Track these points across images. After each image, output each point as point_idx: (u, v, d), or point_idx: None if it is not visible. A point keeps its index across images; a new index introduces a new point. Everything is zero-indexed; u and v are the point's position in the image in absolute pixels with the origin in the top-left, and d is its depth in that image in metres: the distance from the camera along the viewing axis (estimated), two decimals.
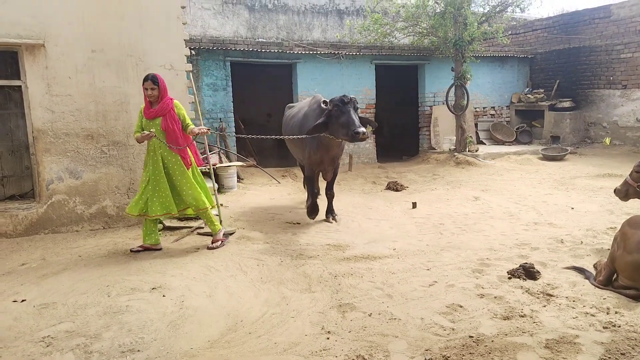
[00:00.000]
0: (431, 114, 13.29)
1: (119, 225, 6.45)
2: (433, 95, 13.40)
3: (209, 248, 5.44)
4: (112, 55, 6.28)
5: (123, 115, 6.39)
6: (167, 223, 6.28)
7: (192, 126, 5.38)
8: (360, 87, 12.41)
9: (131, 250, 5.36)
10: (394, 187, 9.00)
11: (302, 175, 10.80)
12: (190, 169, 5.40)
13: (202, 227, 6.23)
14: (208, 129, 5.40)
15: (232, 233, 6.00)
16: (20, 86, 5.99)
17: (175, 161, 5.29)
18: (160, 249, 5.44)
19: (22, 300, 4.04)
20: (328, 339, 3.32)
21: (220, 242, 5.52)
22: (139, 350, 3.22)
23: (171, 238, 5.91)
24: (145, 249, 5.38)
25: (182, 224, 6.31)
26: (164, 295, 4.11)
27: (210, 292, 4.21)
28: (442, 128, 13.12)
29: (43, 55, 5.94)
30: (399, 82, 14.62)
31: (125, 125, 6.39)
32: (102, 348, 3.25)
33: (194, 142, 5.55)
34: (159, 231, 6.15)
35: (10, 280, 4.56)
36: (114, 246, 5.62)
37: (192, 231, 6.14)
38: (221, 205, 6.54)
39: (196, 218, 6.40)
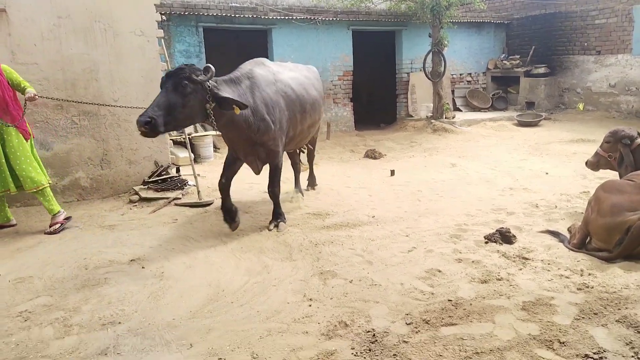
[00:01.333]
0: (408, 81, 13.24)
1: (93, 197, 6.32)
2: (410, 62, 13.32)
3: (46, 233, 4.97)
4: (80, 21, 6.02)
5: (93, 83, 6.17)
6: (144, 194, 6.17)
7: (31, 89, 4.90)
8: (337, 54, 12.24)
9: None
10: (372, 155, 9.00)
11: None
12: (28, 140, 4.97)
13: (180, 198, 6.15)
14: (35, 94, 4.90)
15: (210, 203, 5.95)
16: None
17: (9, 132, 4.80)
18: (14, 225, 5.16)
19: None
20: (310, 306, 3.35)
21: (59, 224, 5.04)
22: (119, 323, 3.19)
23: (148, 209, 5.82)
24: None
25: (159, 194, 6.21)
26: (143, 267, 4.06)
27: (190, 262, 4.18)
28: (420, 95, 13.11)
29: (5, 22, 5.65)
30: (376, 48, 14.47)
31: (95, 94, 6.18)
32: (82, 321, 3.21)
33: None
34: (135, 202, 6.06)
35: None
36: (89, 218, 5.51)
37: (169, 202, 6.06)
38: (198, 175, 6.44)
39: (173, 189, 6.31)
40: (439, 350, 2.72)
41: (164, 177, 6.55)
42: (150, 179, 6.49)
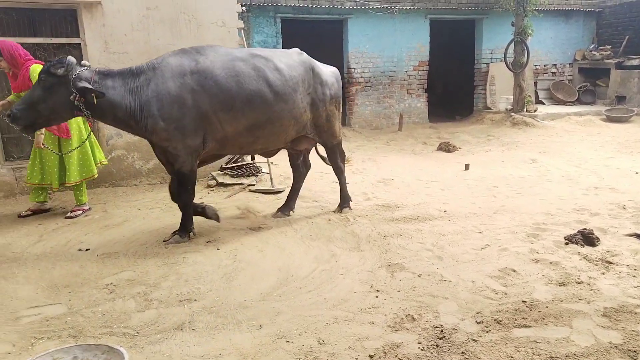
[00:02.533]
0: (487, 72, 12.74)
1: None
2: (490, 52, 12.80)
3: (66, 217, 5.21)
4: (166, 13, 6.33)
5: None
6: (221, 179, 6.43)
7: None
8: (413, 43, 12.01)
9: (19, 216, 5.25)
10: (446, 148, 8.79)
11: (353, 135, 10.76)
12: (69, 138, 5.11)
13: (254, 185, 6.34)
14: None
15: (282, 191, 6.08)
16: (80, 44, 6.16)
17: (48, 134, 5.01)
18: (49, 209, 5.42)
19: (87, 249, 4.29)
20: (377, 297, 3.35)
21: (81, 211, 5.31)
22: (195, 300, 3.36)
23: (224, 194, 6.06)
24: (34, 211, 5.32)
25: (234, 180, 6.44)
26: (218, 249, 4.25)
27: (261, 247, 4.31)
28: (499, 87, 12.58)
29: (100, 13, 6.06)
30: (454, 38, 14.02)
31: None
32: (161, 296, 3.42)
33: None
34: (213, 187, 6.33)
35: (75, 230, 4.84)
36: (170, 201, 5.81)
37: (244, 188, 6.27)
38: (271, 163, 6.61)
39: (247, 175, 6.52)
40: (510, 351, 2.63)
41: (240, 164, 6.78)
42: (227, 166, 6.74)
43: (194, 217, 4.57)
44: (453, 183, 6.46)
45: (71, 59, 3.94)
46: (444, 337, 2.80)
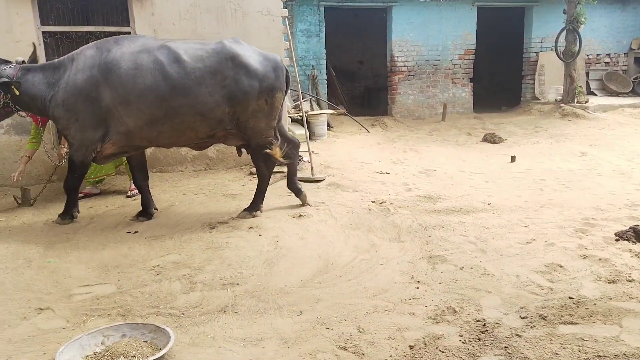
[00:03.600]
0: (537, 61, 12.30)
1: (218, 167, 6.80)
2: (540, 41, 12.34)
3: (128, 196, 5.60)
4: (212, 2, 6.42)
5: None
6: None
7: None
8: (459, 32, 11.73)
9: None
10: (491, 139, 8.58)
11: (394, 125, 10.65)
12: None
13: None
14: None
15: (322, 180, 6.10)
16: (130, 32, 6.33)
17: None
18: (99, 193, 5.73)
19: (135, 232, 4.45)
20: (417, 288, 3.33)
21: (136, 190, 5.47)
22: (238, 284, 3.44)
23: None
24: (85, 195, 5.57)
25: (276, 168, 6.49)
26: (260, 235, 4.31)
27: (302, 234, 4.35)
28: (549, 77, 12.13)
29: (150, 2, 6.21)
30: (502, 26, 13.60)
31: None
32: (205, 279, 3.51)
33: None
34: (255, 174, 6.41)
35: (123, 213, 5.01)
36: (214, 187, 5.95)
37: (284, 176, 6.31)
38: (312, 152, 6.63)
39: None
40: (555, 348, 2.57)
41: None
42: None
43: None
44: (498, 175, 6.31)
45: None
46: (487, 330, 2.76)
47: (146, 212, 4.81)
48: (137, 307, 3.14)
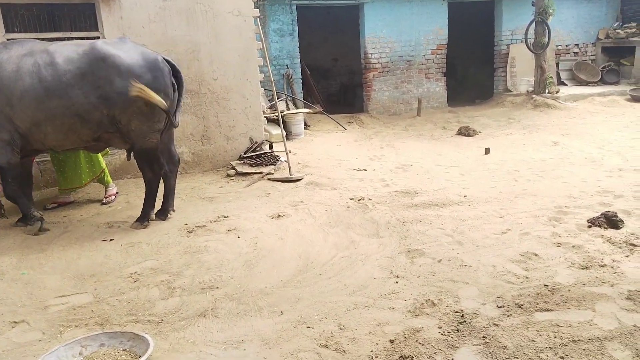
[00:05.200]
0: (508, 54, 12.48)
1: (194, 170, 6.74)
2: (510, 33, 12.52)
3: (103, 203, 5.48)
4: (182, 4, 6.35)
5: (195, 63, 6.52)
6: (240, 169, 6.48)
7: None
8: (431, 27, 11.83)
9: (45, 208, 5.34)
10: (466, 132, 8.68)
11: (370, 121, 10.72)
12: None
13: (272, 173, 6.37)
14: None
15: (300, 179, 6.10)
16: (99, 37, 6.23)
17: None
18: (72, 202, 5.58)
19: (111, 240, 4.38)
20: (397, 282, 3.36)
21: (113, 197, 5.58)
22: (217, 287, 3.42)
23: (244, 183, 6.11)
24: (59, 204, 5.48)
25: (253, 169, 6.48)
26: (238, 237, 4.30)
27: (281, 234, 4.35)
28: (520, 68, 12.33)
29: (118, 6, 6.11)
30: (473, 20, 13.76)
31: (197, 73, 6.53)
32: (184, 284, 3.48)
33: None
34: (232, 176, 6.38)
35: (99, 221, 4.93)
36: (191, 190, 5.90)
37: (262, 177, 6.30)
38: (289, 151, 6.63)
39: (266, 164, 6.56)
40: (531, 335, 2.62)
41: (258, 153, 6.82)
42: (246, 155, 6.78)
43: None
44: (473, 168, 6.40)
45: None
46: (465, 321, 2.80)
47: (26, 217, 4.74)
48: (115, 315, 3.10)
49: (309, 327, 2.86)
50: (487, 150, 7.14)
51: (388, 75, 11.77)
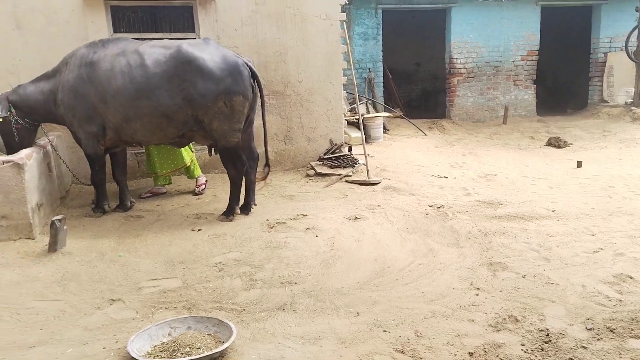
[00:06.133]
0: (605, 62, 11.71)
1: (276, 169, 6.93)
2: (609, 41, 11.75)
3: (195, 194, 5.82)
4: (273, 7, 6.58)
5: (281, 66, 6.73)
6: (319, 169, 6.59)
7: None
8: (521, 32, 11.37)
9: (140, 197, 5.72)
10: (556, 143, 8.27)
11: (452, 128, 10.46)
12: None
13: (350, 176, 6.42)
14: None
15: (378, 183, 6.10)
16: (195, 38, 6.59)
17: None
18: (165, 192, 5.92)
19: (199, 230, 4.63)
20: (477, 295, 3.27)
21: (203, 185, 5.89)
22: (296, 283, 3.51)
23: (322, 183, 6.21)
24: (153, 194, 5.84)
25: (332, 171, 6.57)
26: (316, 236, 4.38)
27: (358, 236, 4.38)
28: (618, 78, 11.52)
29: (214, 9, 6.44)
30: (567, 25, 13.06)
31: (283, 75, 6.74)
32: (264, 277, 3.61)
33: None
34: (311, 176, 6.52)
35: (188, 212, 5.23)
36: (272, 188, 6.09)
37: (340, 178, 6.37)
38: (368, 155, 6.64)
39: (345, 166, 6.62)
40: None
41: (338, 155, 6.90)
42: (325, 156, 6.89)
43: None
44: (563, 181, 6.07)
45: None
46: (550, 341, 2.68)
47: (122, 204, 5.23)
48: (201, 301, 3.28)
49: (385, 331, 2.86)
50: (580, 164, 6.75)
51: (473, 81, 11.46)
